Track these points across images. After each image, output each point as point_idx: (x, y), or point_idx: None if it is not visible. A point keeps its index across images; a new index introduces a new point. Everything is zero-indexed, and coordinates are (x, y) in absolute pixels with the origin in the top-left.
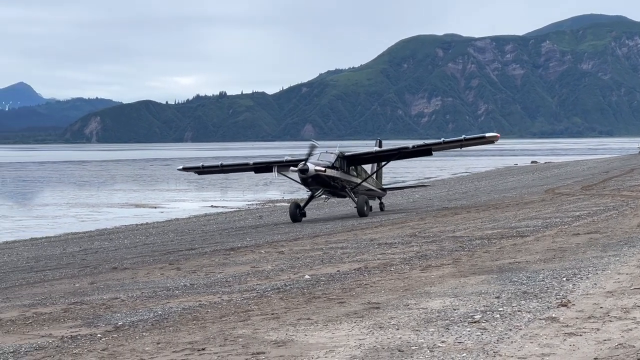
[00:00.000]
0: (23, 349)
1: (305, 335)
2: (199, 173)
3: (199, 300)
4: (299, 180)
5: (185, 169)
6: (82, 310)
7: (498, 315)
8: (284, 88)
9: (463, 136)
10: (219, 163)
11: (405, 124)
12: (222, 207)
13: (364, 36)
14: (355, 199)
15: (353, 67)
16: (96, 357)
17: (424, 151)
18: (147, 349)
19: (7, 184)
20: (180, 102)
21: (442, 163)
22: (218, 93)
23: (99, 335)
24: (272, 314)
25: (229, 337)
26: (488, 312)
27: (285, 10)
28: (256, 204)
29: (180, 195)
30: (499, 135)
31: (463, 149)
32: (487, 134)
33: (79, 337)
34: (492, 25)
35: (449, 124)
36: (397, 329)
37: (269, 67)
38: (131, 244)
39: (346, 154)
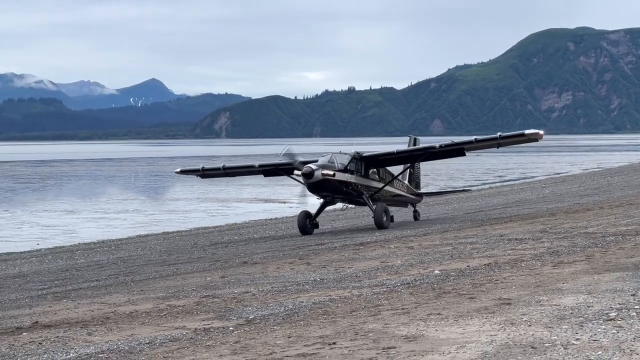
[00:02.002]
0: (158, 340)
1: (436, 330)
2: (202, 176)
3: (329, 295)
4: (306, 187)
5: (183, 172)
6: (214, 303)
7: (634, 314)
8: (413, 83)
9: (498, 134)
10: (220, 165)
11: (534, 119)
12: None
13: (493, 30)
14: (374, 207)
15: (482, 62)
16: (229, 349)
17: (455, 151)
18: (278, 342)
19: (140, 179)
20: (309, 97)
21: (573, 158)
22: (347, 88)
23: (231, 328)
24: (402, 308)
25: (359, 332)
26: (624, 310)
27: (414, 5)
28: None
29: None
30: (541, 132)
31: (501, 148)
32: (527, 132)
33: (211, 330)
34: (626, 17)
35: (580, 119)
36: (529, 325)
37: (397, 63)
38: (260, 238)
39: (364, 154)
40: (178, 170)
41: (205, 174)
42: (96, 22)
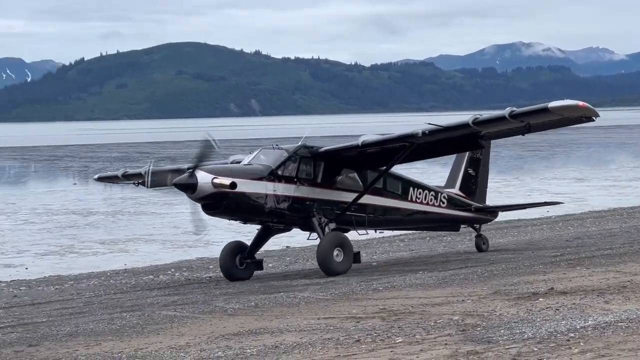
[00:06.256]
0: None
1: None
2: (146, 186)
3: None
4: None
5: (102, 180)
6: None
7: None
8: None
9: (508, 109)
10: (141, 170)
11: None
12: None
13: None
14: (322, 235)
15: None
16: None
17: (467, 139)
18: None
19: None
20: None
21: None
22: None
23: None
24: None
25: None
26: None
27: None
28: None
29: None
30: (583, 104)
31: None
32: (552, 105)
33: None
34: None
35: None
36: None
37: None
38: None
39: (321, 149)
40: (96, 177)
41: (132, 182)
42: None
